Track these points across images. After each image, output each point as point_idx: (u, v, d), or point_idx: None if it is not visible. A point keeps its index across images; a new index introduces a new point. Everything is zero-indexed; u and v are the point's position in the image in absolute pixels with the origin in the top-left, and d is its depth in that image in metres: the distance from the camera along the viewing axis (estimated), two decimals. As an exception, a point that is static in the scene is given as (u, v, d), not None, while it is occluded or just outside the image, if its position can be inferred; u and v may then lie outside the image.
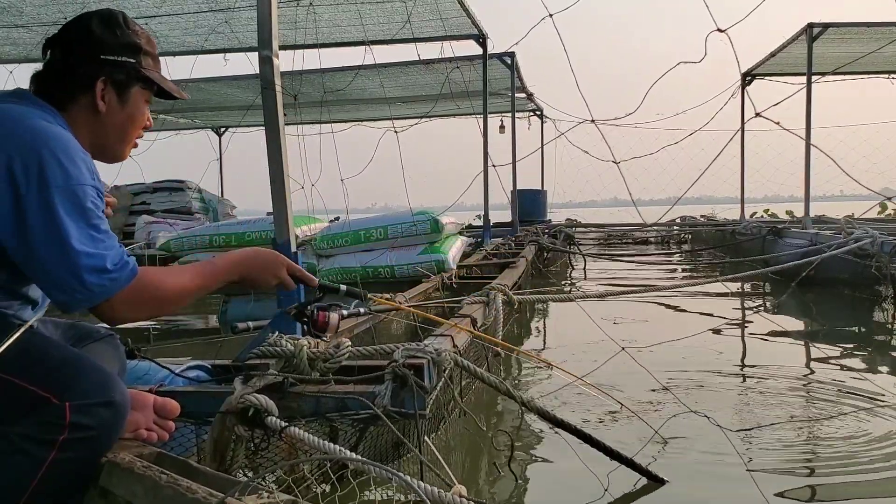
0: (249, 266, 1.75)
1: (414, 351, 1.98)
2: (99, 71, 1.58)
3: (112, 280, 1.44)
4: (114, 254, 1.45)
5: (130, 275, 1.47)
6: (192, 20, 6.93)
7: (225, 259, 1.72)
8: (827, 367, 4.14)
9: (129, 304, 1.48)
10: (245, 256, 1.76)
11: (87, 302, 1.44)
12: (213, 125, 15.18)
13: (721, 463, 2.57)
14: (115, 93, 1.61)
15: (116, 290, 1.45)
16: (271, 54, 2.48)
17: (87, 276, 1.41)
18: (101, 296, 1.44)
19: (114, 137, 1.64)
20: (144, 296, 1.51)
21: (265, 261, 1.78)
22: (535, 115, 15.06)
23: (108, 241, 1.46)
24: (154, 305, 1.55)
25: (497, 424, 3.13)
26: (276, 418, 1.73)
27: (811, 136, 8.84)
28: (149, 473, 1.32)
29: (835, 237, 6.76)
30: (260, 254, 1.79)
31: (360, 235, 5.75)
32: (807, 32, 8.66)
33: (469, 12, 7.15)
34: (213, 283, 1.67)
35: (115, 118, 1.62)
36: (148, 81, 1.66)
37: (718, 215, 14.02)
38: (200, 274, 1.65)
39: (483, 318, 3.17)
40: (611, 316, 5.97)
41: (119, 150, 1.67)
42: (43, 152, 1.41)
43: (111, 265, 1.44)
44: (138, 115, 1.66)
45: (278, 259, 1.81)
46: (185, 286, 1.60)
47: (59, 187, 1.41)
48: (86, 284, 1.41)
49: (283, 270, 1.80)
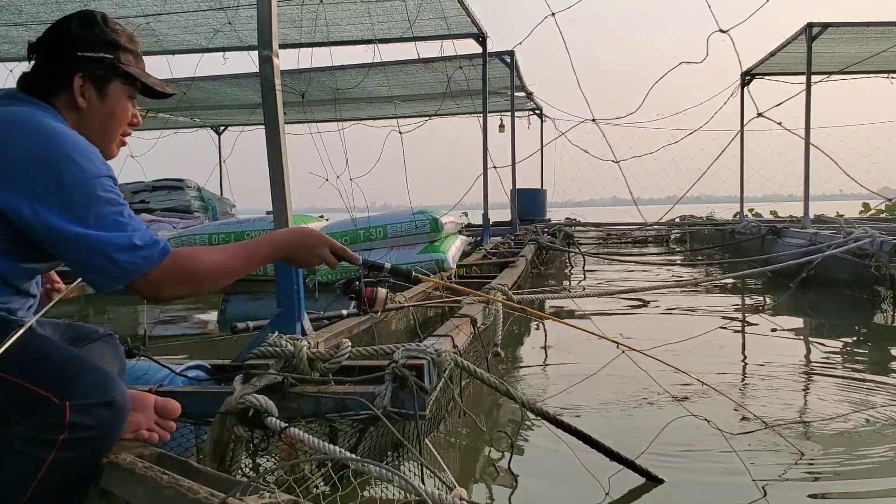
0: (293, 247, 1.77)
1: (414, 351, 1.98)
2: (77, 67, 1.62)
3: (144, 258, 1.49)
4: (142, 233, 1.50)
5: (163, 252, 1.51)
6: (192, 19, 6.93)
7: (267, 240, 1.74)
8: (827, 367, 4.14)
9: (165, 280, 1.52)
10: (289, 237, 1.79)
11: (121, 279, 1.48)
12: (212, 124, 15.17)
13: (721, 464, 2.57)
14: (94, 88, 1.64)
15: (149, 267, 1.49)
16: (271, 54, 2.48)
17: (119, 255, 1.46)
18: (135, 272, 1.48)
19: (98, 134, 1.66)
20: (182, 272, 1.55)
21: (308, 241, 1.80)
22: (534, 114, 15.06)
23: (134, 223, 1.51)
24: (192, 282, 1.58)
25: (497, 425, 3.13)
26: (275, 419, 1.73)
27: (811, 135, 8.84)
28: (150, 474, 1.32)
29: (834, 237, 6.76)
30: (303, 233, 1.81)
31: (360, 234, 5.75)
32: (806, 32, 8.66)
33: (469, 11, 7.14)
34: (254, 263, 1.69)
35: (97, 114, 1.65)
36: (128, 77, 1.67)
37: (715, 215, 14.03)
38: (241, 255, 1.67)
39: (483, 318, 3.17)
40: (610, 315, 5.97)
41: (105, 147, 1.68)
42: (57, 151, 1.46)
43: (140, 242, 1.48)
44: (120, 111, 1.68)
45: (321, 238, 1.83)
46: (225, 265, 1.63)
47: (79, 182, 1.45)
48: (118, 262, 1.46)
49: (326, 249, 1.81)
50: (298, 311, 2.45)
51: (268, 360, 2.02)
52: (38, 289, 1.67)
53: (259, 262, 1.71)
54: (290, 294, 2.44)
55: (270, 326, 2.38)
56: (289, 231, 1.83)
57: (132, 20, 6.58)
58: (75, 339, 1.78)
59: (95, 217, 1.45)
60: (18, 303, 1.58)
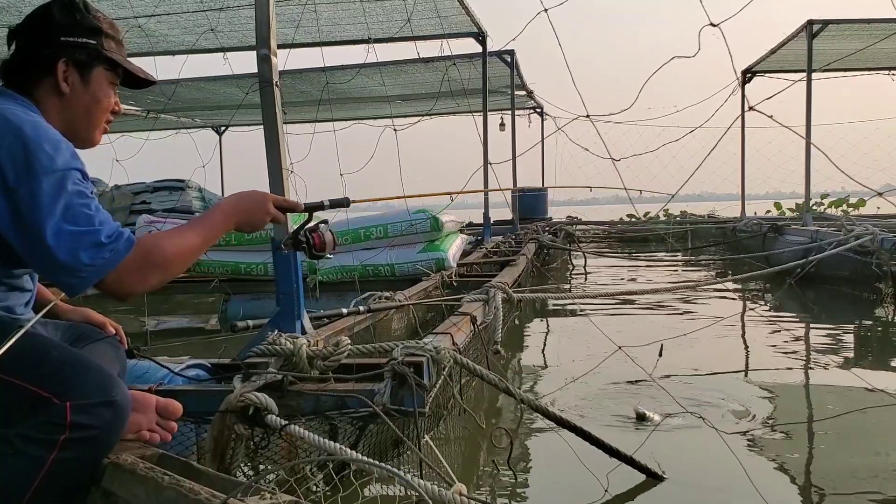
0: (241, 210, 1.75)
1: (413, 349, 1.99)
2: (60, 53, 1.61)
3: (112, 251, 1.44)
4: (108, 228, 1.46)
5: (128, 244, 1.47)
6: (191, 19, 6.93)
7: (216, 210, 1.72)
8: (827, 364, 4.14)
9: (134, 272, 1.48)
10: (234, 200, 1.76)
11: (92, 278, 1.44)
12: (213, 124, 15.18)
13: (720, 460, 2.58)
14: (77, 74, 1.63)
15: (118, 262, 1.45)
16: (269, 53, 2.48)
17: (85, 254, 1.41)
18: (105, 269, 1.44)
19: (82, 120, 1.65)
20: (149, 262, 1.50)
21: (253, 198, 1.78)
22: (535, 112, 15.06)
23: (100, 216, 1.46)
24: (161, 270, 1.53)
25: (496, 422, 3.13)
26: (275, 416, 1.73)
27: (811, 133, 8.83)
28: (151, 475, 1.33)
29: (835, 234, 6.75)
30: (246, 194, 1.79)
31: (359, 234, 5.75)
32: (806, 29, 8.65)
33: (468, 10, 7.15)
34: (214, 235, 1.67)
35: (80, 99, 1.64)
36: (111, 63, 1.67)
37: (717, 213, 14.01)
38: (200, 230, 1.64)
39: (483, 316, 3.18)
40: (609, 313, 5.97)
41: (89, 133, 1.68)
42: (27, 143, 1.43)
43: (106, 238, 1.44)
44: (103, 97, 1.67)
45: (263, 194, 1.81)
46: (189, 245, 1.60)
47: (47, 174, 1.42)
48: (86, 262, 1.42)
49: (270, 204, 1.79)
50: (298, 309, 2.46)
51: (268, 358, 2.02)
52: (33, 283, 1.66)
53: (216, 233, 1.68)
54: (289, 293, 2.44)
55: (270, 325, 2.38)
56: (232, 195, 1.80)
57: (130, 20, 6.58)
58: (76, 338, 1.78)
59: (63, 209, 1.41)
60: (15, 299, 1.58)
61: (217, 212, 1.71)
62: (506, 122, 12.56)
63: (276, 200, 1.82)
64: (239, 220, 1.74)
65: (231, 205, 1.74)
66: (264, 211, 1.77)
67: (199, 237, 1.62)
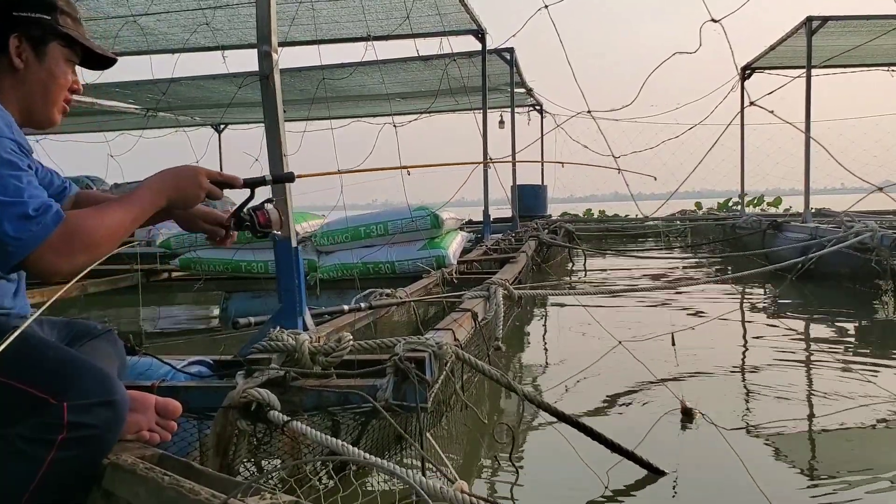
0: (172, 185, 1.63)
1: (415, 344, 1.99)
2: (12, 28, 1.57)
3: (38, 224, 1.37)
4: (36, 200, 1.39)
5: (56, 218, 1.39)
6: (191, 17, 6.93)
7: (145, 188, 1.60)
8: (827, 361, 4.14)
9: (59, 251, 1.39)
10: (162, 175, 1.64)
11: (17, 253, 1.36)
12: (212, 122, 15.17)
13: (720, 456, 2.58)
14: (31, 49, 1.59)
15: (45, 236, 1.37)
16: (270, 49, 2.48)
17: (10, 225, 1.35)
18: (30, 244, 1.36)
19: (39, 98, 1.62)
20: (76, 241, 1.41)
21: (183, 172, 1.66)
22: (534, 109, 15.05)
23: (31, 190, 1.40)
24: (89, 250, 1.45)
25: (498, 418, 3.13)
26: (278, 412, 1.74)
27: (811, 129, 8.82)
28: (151, 475, 1.32)
29: (835, 231, 6.75)
30: (176, 170, 1.67)
31: (360, 231, 5.75)
32: (806, 26, 8.65)
33: (468, 7, 7.14)
34: (144, 213, 1.58)
35: (36, 76, 1.60)
36: (67, 39, 1.64)
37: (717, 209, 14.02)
38: (130, 208, 1.55)
39: (484, 312, 3.18)
40: (609, 310, 5.97)
41: (47, 112, 1.64)
42: None
43: (33, 211, 1.37)
44: (60, 74, 1.64)
45: (196, 168, 1.69)
46: (118, 224, 1.50)
47: None
48: (11, 234, 1.35)
49: (205, 178, 1.67)
50: (299, 306, 2.46)
51: (270, 354, 2.02)
52: (18, 273, 1.62)
53: (147, 211, 1.58)
54: (290, 289, 2.45)
55: (272, 322, 2.39)
56: (162, 171, 1.67)
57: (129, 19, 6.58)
58: (74, 336, 1.76)
59: None
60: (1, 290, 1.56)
61: (145, 188, 1.60)
62: (505, 119, 12.55)
63: (211, 174, 1.70)
64: (170, 196, 1.62)
65: (161, 180, 1.63)
66: (197, 185, 1.65)
67: (130, 215, 1.54)
